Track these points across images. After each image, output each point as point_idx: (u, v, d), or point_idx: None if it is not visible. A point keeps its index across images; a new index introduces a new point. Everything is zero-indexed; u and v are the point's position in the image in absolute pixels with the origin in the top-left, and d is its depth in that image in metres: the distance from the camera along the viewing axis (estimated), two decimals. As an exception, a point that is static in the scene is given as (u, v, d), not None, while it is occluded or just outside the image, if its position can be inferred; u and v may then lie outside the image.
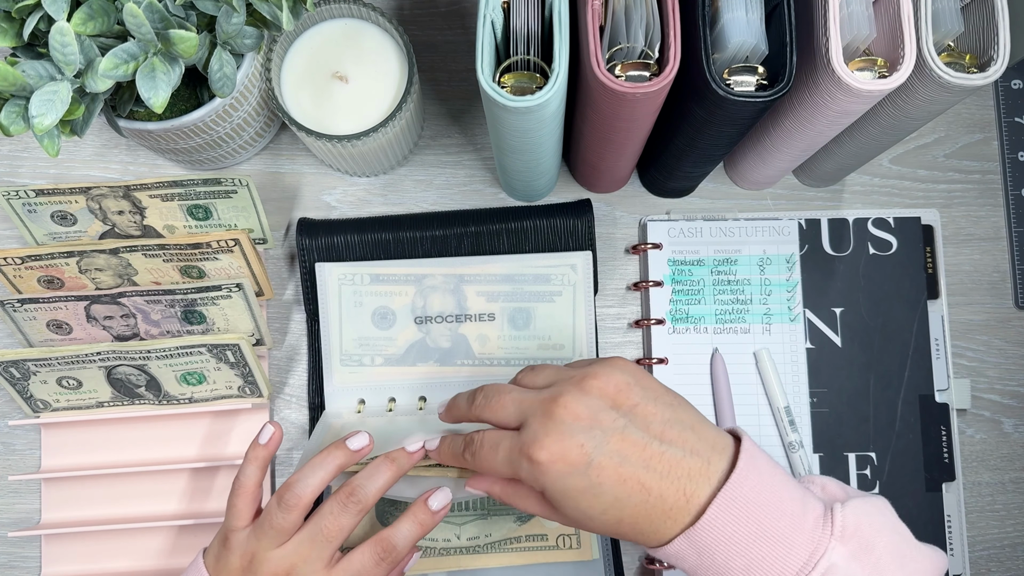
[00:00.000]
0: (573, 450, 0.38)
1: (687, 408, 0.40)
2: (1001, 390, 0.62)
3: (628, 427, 0.38)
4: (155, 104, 0.43)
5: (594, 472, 0.38)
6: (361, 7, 0.54)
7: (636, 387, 0.40)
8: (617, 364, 0.41)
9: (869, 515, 0.38)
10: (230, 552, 0.45)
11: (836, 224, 0.61)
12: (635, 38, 0.43)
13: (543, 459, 0.38)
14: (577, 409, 0.38)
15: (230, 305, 0.55)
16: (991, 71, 0.44)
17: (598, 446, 0.38)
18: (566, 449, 0.38)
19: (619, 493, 0.37)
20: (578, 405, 0.39)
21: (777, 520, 0.36)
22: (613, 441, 0.38)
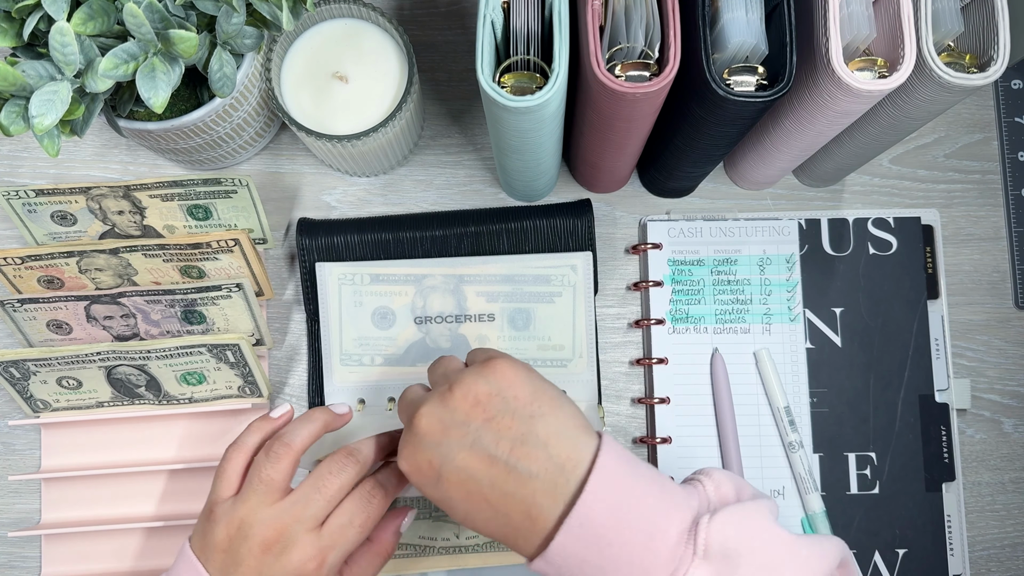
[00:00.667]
0: (423, 464, 0.38)
1: (549, 419, 0.38)
2: (1001, 390, 0.62)
3: (477, 443, 0.37)
4: (155, 104, 0.43)
5: (443, 486, 0.38)
6: (361, 7, 0.54)
7: (496, 398, 0.38)
8: (485, 372, 0.39)
9: (740, 525, 0.35)
10: (215, 524, 0.43)
11: (836, 224, 0.61)
12: (635, 38, 0.43)
13: (405, 469, 0.40)
14: (431, 423, 0.39)
15: (230, 305, 0.55)
16: (991, 71, 0.44)
17: (444, 462, 0.38)
18: (419, 463, 0.39)
19: (468, 508, 0.38)
20: (431, 419, 0.39)
21: (631, 542, 0.34)
22: (460, 457, 0.37)
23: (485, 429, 0.38)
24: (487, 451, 0.37)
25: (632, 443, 0.60)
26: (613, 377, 0.61)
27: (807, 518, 0.58)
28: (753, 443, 0.58)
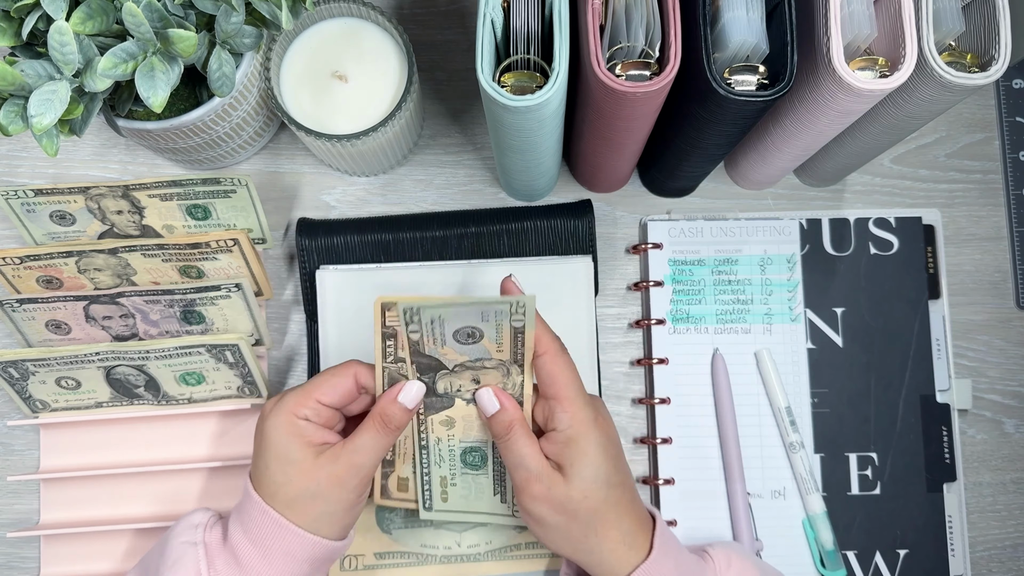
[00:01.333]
0: (611, 426, 0.46)
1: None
2: (1002, 390, 0.61)
3: (623, 451, 0.47)
4: (154, 103, 0.43)
5: (614, 448, 0.45)
6: (361, 6, 0.54)
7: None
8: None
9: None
10: None
11: (837, 224, 0.61)
12: (635, 37, 0.43)
13: (600, 421, 0.45)
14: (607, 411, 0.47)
15: (229, 305, 0.55)
16: (992, 70, 0.44)
17: (619, 440, 0.47)
18: (608, 422, 0.46)
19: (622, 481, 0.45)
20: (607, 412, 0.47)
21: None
22: (622, 449, 0.47)
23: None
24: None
25: (632, 443, 0.60)
26: (613, 377, 0.61)
27: (808, 519, 0.58)
28: (754, 443, 0.58)
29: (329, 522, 0.43)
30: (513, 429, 0.44)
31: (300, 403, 0.43)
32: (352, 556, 0.55)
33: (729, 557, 0.48)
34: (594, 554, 0.44)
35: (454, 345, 0.44)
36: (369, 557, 0.55)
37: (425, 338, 0.43)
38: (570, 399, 0.44)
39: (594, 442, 0.43)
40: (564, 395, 0.44)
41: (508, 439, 0.44)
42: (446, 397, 0.47)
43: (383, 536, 0.55)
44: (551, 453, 0.44)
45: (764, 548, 0.57)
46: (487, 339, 0.44)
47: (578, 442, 0.43)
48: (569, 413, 0.43)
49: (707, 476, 0.58)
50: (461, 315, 0.42)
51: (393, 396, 0.45)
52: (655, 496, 0.58)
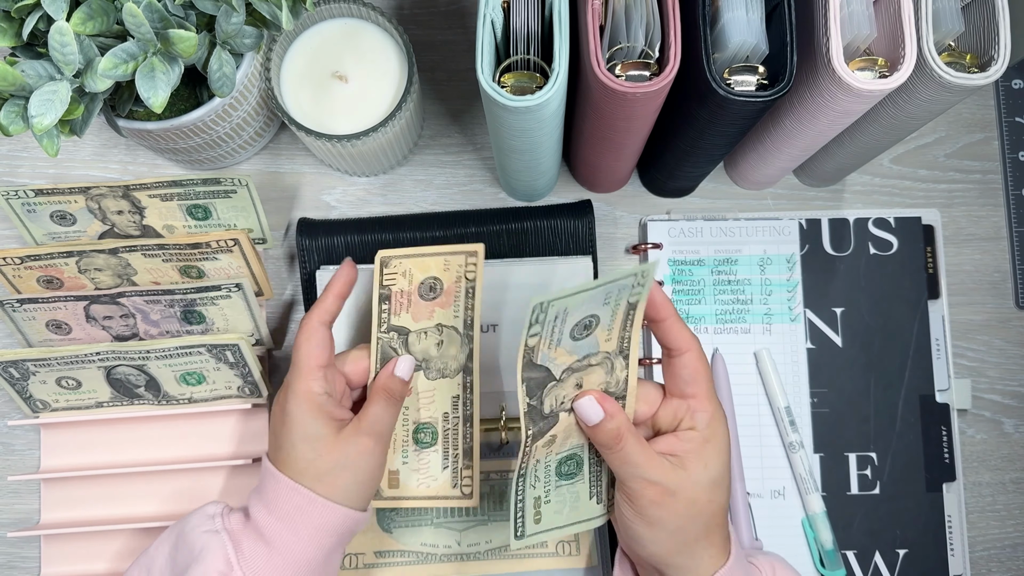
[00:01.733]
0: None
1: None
2: (1002, 390, 0.62)
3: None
4: (154, 104, 0.43)
5: (731, 448, 0.44)
6: (361, 7, 0.54)
7: None
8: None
9: None
10: None
11: (837, 224, 0.61)
12: (635, 38, 0.43)
13: (722, 418, 0.43)
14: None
15: (229, 305, 0.55)
16: (992, 71, 0.44)
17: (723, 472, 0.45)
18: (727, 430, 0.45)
19: (729, 485, 0.44)
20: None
21: None
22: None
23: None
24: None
25: (632, 443, 0.60)
26: (613, 377, 0.61)
27: (808, 518, 0.58)
28: (754, 443, 0.58)
29: (356, 492, 0.45)
30: (623, 439, 0.42)
31: (315, 381, 0.45)
32: (352, 555, 0.55)
33: (774, 567, 0.47)
34: (695, 556, 0.42)
35: (568, 344, 0.42)
36: (369, 556, 0.55)
37: (543, 340, 0.41)
38: (709, 398, 0.43)
39: (725, 442, 0.43)
40: (704, 393, 0.43)
41: (619, 450, 0.42)
42: (551, 417, 0.43)
43: (383, 535, 0.56)
44: (678, 450, 0.42)
45: (764, 548, 0.57)
46: (600, 327, 0.42)
47: (714, 442, 0.42)
48: (708, 412, 0.43)
49: (707, 476, 0.58)
50: (586, 302, 0.40)
51: (390, 371, 0.48)
52: (655, 496, 0.59)
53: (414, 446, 0.52)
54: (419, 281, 0.51)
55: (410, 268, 0.51)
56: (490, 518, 0.56)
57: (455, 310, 0.51)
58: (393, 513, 0.56)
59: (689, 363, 0.43)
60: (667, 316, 0.44)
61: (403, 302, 0.51)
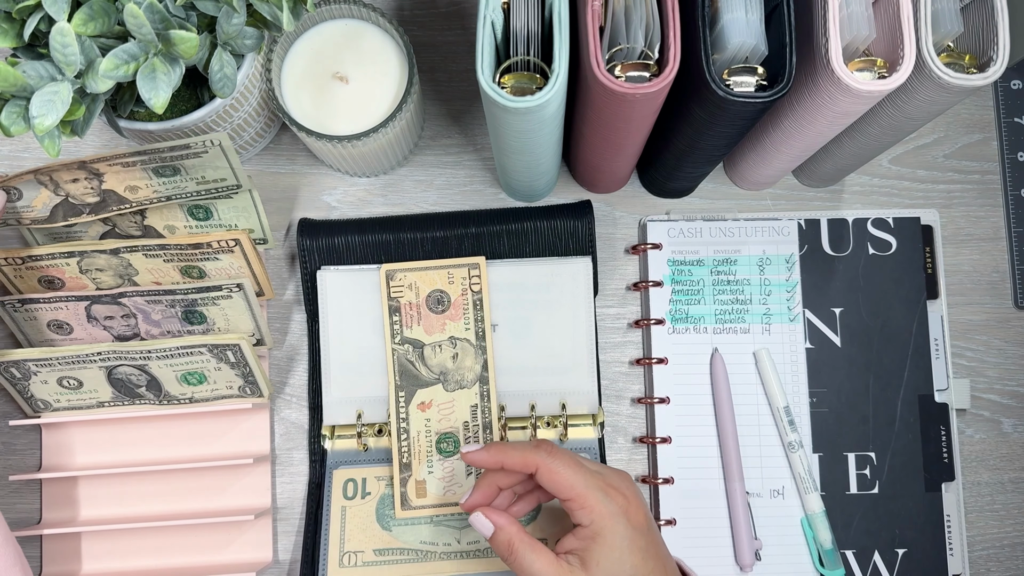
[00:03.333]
0: (643, 512, 0.44)
1: None
2: (1000, 390, 0.62)
3: (657, 535, 0.45)
4: (156, 105, 0.43)
5: (649, 537, 0.44)
6: (361, 7, 0.54)
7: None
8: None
9: None
10: None
11: (836, 224, 0.61)
12: (635, 39, 0.44)
13: (622, 504, 0.43)
14: (639, 493, 0.45)
15: (230, 305, 0.55)
16: (991, 71, 0.45)
17: (651, 525, 0.45)
18: (640, 508, 0.44)
19: (655, 567, 0.43)
20: (639, 494, 0.45)
21: None
22: (654, 528, 0.45)
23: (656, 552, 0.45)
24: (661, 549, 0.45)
25: (632, 443, 0.60)
26: (613, 377, 0.61)
27: (807, 518, 0.58)
28: (753, 443, 0.59)
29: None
30: (515, 549, 0.44)
31: None
32: (351, 552, 0.55)
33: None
34: None
35: None
36: (368, 554, 0.55)
37: None
38: (583, 496, 0.43)
39: (619, 535, 0.42)
40: (579, 495, 0.43)
41: (514, 559, 0.44)
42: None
43: (383, 533, 0.56)
44: (577, 549, 0.43)
45: (763, 547, 0.58)
46: None
47: (604, 536, 0.42)
48: (587, 509, 0.43)
49: (706, 475, 0.58)
50: None
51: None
52: (654, 495, 0.59)
53: (438, 456, 0.56)
54: (426, 294, 0.53)
55: (415, 281, 0.54)
56: None
57: (466, 322, 0.53)
58: (392, 511, 0.56)
59: (544, 478, 0.44)
60: (499, 462, 0.46)
61: (413, 314, 0.53)
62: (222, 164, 0.54)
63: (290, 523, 0.59)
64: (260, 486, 0.58)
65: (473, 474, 0.56)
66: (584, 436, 0.58)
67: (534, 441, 0.46)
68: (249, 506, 0.58)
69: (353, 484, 0.57)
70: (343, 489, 0.57)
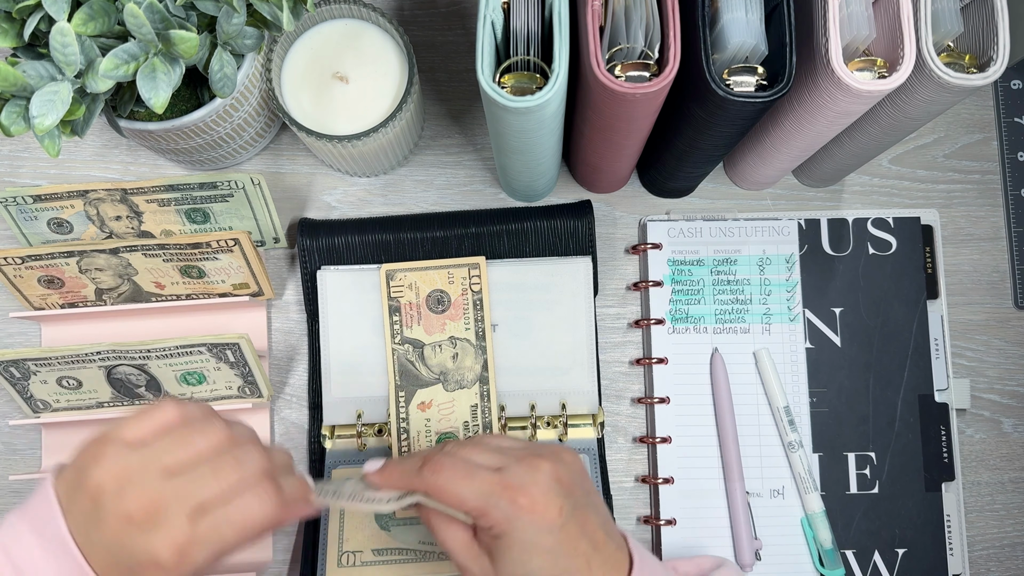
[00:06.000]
0: (553, 508, 0.40)
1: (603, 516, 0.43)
2: (1000, 390, 0.62)
3: (588, 507, 0.41)
4: (156, 104, 0.43)
5: (562, 535, 0.39)
6: (361, 7, 0.54)
7: (584, 480, 0.43)
8: (565, 455, 0.43)
9: None
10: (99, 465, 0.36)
11: (836, 224, 0.61)
12: (635, 38, 0.44)
13: (525, 504, 0.39)
14: (560, 473, 0.41)
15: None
16: (991, 71, 0.45)
17: (571, 513, 0.40)
18: (549, 504, 0.40)
19: (569, 565, 0.39)
20: (561, 470, 0.41)
21: None
22: (579, 514, 0.40)
23: (588, 498, 0.42)
24: (593, 518, 0.41)
25: (632, 442, 0.60)
26: (613, 377, 0.61)
27: (806, 518, 0.58)
28: (753, 443, 0.59)
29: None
30: (431, 522, 0.43)
31: None
32: (350, 552, 0.55)
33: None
34: None
35: None
36: (367, 554, 0.55)
37: None
38: (477, 508, 0.40)
39: (520, 540, 0.39)
40: (468, 509, 0.41)
41: (432, 531, 0.43)
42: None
43: (381, 533, 0.56)
44: (484, 542, 0.41)
45: (763, 547, 0.58)
46: None
47: (504, 539, 0.40)
48: (484, 518, 0.40)
49: (706, 475, 0.58)
50: None
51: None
52: (654, 496, 0.59)
53: None
54: (426, 294, 0.53)
55: (415, 281, 0.54)
56: None
57: (465, 322, 0.53)
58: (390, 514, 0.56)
59: (434, 498, 0.42)
60: (389, 486, 0.43)
61: (413, 314, 0.53)
62: (248, 216, 0.57)
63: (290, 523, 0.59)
64: (260, 486, 0.58)
65: None
66: (584, 436, 0.58)
67: (420, 457, 0.43)
68: (249, 506, 0.58)
69: (353, 484, 0.57)
70: (343, 489, 0.57)
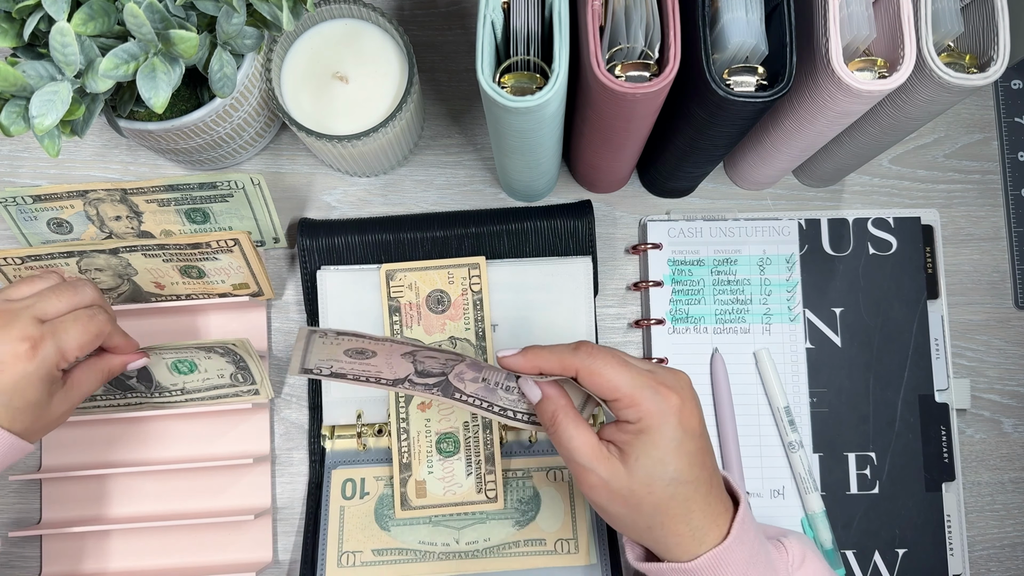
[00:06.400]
0: (697, 416, 0.42)
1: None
2: (1001, 390, 0.62)
3: (707, 443, 0.43)
4: (155, 104, 0.43)
5: (701, 443, 0.42)
6: (361, 7, 0.54)
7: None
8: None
9: None
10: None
11: (836, 224, 0.61)
12: (635, 38, 0.44)
13: (676, 403, 0.41)
14: (695, 394, 0.43)
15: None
16: (991, 71, 0.44)
17: (703, 431, 0.42)
18: (695, 412, 0.42)
19: (700, 475, 0.41)
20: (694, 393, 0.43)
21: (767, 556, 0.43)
22: (708, 439, 0.43)
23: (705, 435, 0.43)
24: (711, 457, 0.43)
25: (632, 443, 0.60)
26: (613, 377, 0.61)
27: (807, 518, 0.58)
28: (753, 443, 0.59)
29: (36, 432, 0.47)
30: (558, 421, 0.42)
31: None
32: (350, 552, 0.55)
33: (804, 553, 0.45)
34: (659, 543, 0.42)
35: None
36: (367, 554, 0.55)
37: None
38: (630, 396, 0.41)
39: (667, 437, 0.40)
40: (620, 395, 0.41)
41: (555, 432, 0.42)
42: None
43: (381, 532, 0.56)
44: (619, 440, 0.41)
45: (763, 547, 0.58)
46: None
47: (650, 435, 0.40)
48: (634, 408, 0.41)
49: (706, 475, 0.58)
50: None
51: (126, 362, 0.51)
52: (654, 495, 0.59)
53: (438, 456, 0.56)
54: (426, 294, 0.53)
55: (415, 281, 0.54)
56: (488, 516, 0.56)
57: (465, 322, 0.53)
58: (391, 511, 0.56)
59: (585, 380, 0.42)
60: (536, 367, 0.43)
61: (413, 314, 0.54)
62: (248, 216, 0.57)
63: (290, 523, 0.59)
64: (260, 486, 0.58)
65: (473, 474, 0.56)
66: (584, 436, 0.58)
67: (574, 344, 0.43)
68: (249, 506, 0.58)
69: (351, 484, 0.57)
70: (341, 489, 0.57)
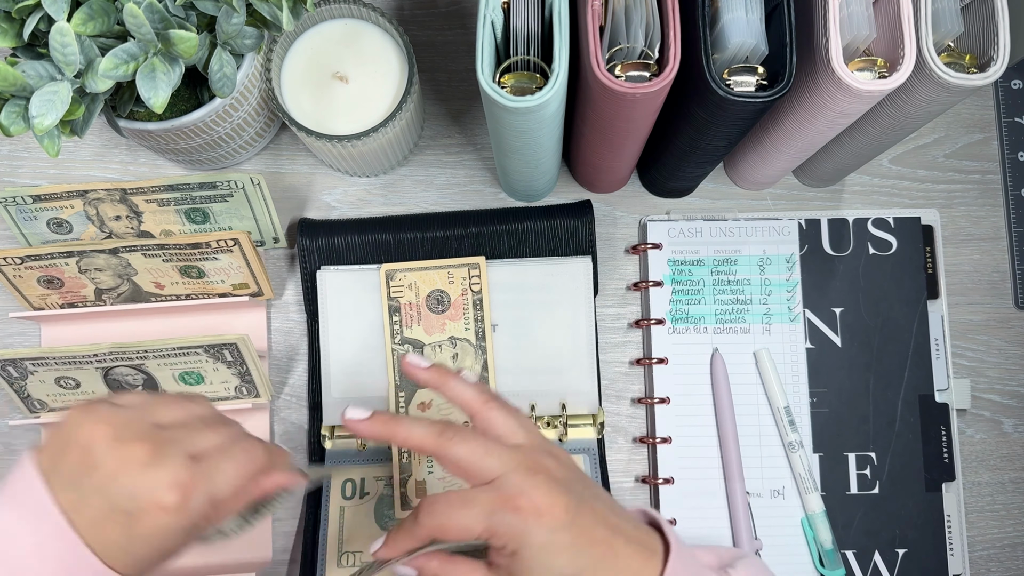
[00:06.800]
0: (558, 505, 0.38)
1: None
2: (1001, 390, 0.62)
3: (591, 498, 0.40)
4: (155, 104, 0.43)
5: (575, 529, 0.38)
6: (361, 7, 0.54)
7: (578, 473, 0.42)
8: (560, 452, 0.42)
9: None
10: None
11: (836, 224, 0.61)
12: (635, 38, 0.44)
13: (529, 508, 0.38)
14: (555, 471, 0.40)
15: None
16: (991, 71, 0.44)
17: (577, 508, 0.39)
18: (554, 503, 0.38)
19: (593, 554, 0.38)
20: (554, 468, 0.40)
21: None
22: (585, 507, 0.39)
23: (592, 490, 0.41)
24: (601, 506, 0.40)
25: (632, 443, 0.60)
26: (613, 377, 0.61)
27: (807, 518, 0.58)
28: (753, 443, 0.59)
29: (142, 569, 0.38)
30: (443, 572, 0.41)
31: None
32: (350, 552, 0.55)
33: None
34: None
35: None
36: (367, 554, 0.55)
37: None
38: (486, 531, 0.39)
39: (538, 546, 0.38)
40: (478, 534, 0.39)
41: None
42: None
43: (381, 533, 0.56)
44: (504, 565, 0.40)
45: (763, 547, 0.58)
46: None
47: (521, 553, 0.38)
48: (495, 538, 0.39)
49: (706, 475, 0.58)
50: None
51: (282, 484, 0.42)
52: (654, 495, 0.59)
53: None
54: (426, 294, 0.53)
55: (415, 281, 0.54)
56: None
57: (465, 322, 0.53)
58: (391, 511, 0.56)
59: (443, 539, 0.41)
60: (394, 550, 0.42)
61: (413, 314, 0.54)
62: (248, 215, 0.57)
63: (290, 523, 0.59)
64: (260, 486, 0.58)
65: None
66: (584, 436, 0.58)
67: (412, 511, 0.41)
68: (249, 506, 0.58)
69: (351, 484, 0.57)
70: (341, 489, 0.57)
